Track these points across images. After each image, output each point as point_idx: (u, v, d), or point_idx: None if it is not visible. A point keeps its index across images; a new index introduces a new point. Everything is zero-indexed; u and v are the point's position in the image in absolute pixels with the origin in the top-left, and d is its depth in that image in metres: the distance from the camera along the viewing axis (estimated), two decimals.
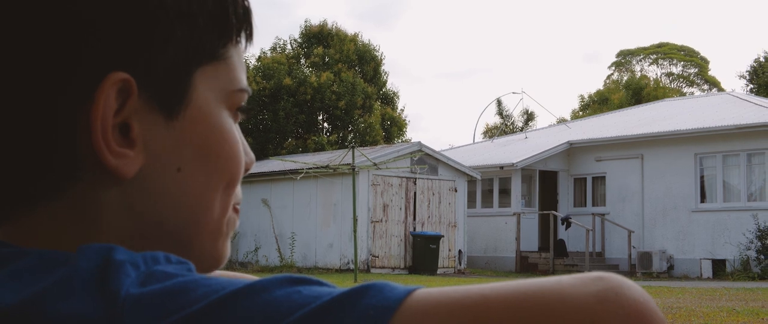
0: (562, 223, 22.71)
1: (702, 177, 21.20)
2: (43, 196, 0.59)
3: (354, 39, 34.57)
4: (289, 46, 35.33)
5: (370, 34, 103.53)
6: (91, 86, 0.58)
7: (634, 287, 0.48)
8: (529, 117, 47.78)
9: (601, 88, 54.04)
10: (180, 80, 0.61)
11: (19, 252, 0.56)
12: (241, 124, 0.70)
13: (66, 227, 0.59)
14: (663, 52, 56.65)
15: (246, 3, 0.66)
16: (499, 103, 47.12)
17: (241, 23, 0.65)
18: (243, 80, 0.66)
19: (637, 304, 0.47)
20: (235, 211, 0.67)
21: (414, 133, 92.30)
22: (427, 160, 21.46)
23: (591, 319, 0.46)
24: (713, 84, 54.19)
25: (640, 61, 57.86)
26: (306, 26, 35.39)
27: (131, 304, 0.50)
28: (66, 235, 0.59)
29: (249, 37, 0.67)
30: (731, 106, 23.52)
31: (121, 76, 0.58)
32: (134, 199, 0.60)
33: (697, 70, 55.72)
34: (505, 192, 23.77)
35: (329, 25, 35.21)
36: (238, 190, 0.66)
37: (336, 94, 31.42)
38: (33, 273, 0.54)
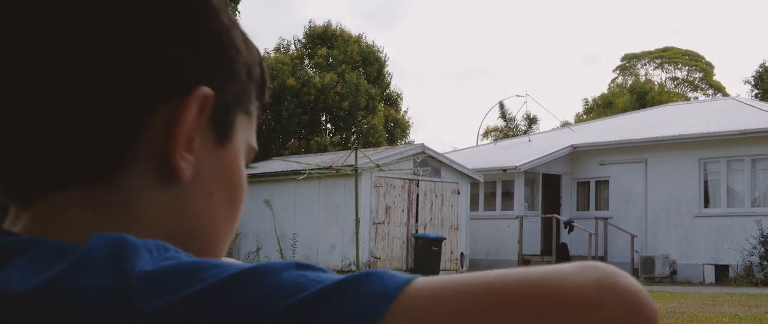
0: (565, 227, 22.67)
1: (706, 182, 21.14)
2: (93, 176, 0.62)
3: (358, 40, 34.55)
4: (292, 47, 35.33)
5: (373, 35, 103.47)
6: (177, 91, 0.63)
7: (627, 276, 0.52)
8: (531, 121, 47.69)
9: (606, 91, 53.98)
10: (234, 113, 0.68)
11: (30, 241, 0.58)
12: None
13: (105, 214, 0.61)
14: (668, 56, 56.59)
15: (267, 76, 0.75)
16: (501, 106, 47.08)
17: (265, 90, 0.73)
18: (255, 141, 0.74)
19: (633, 292, 0.51)
20: None
21: (416, 135, 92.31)
22: (429, 162, 21.42)
23: (591, 304, 0.50)
24: (718, 89, 54.12)
25: (645, 65, 57.81)
26: (310, 27, 35.40)
27: (145, 279, 0.52)
28: (103, 222, 0.61)
29: (263, 108, 0.74)
30: (736, 111, 23.46)
31: (208, 92, 0.64)
32: (173, 206, 0.64)
33: (701, 74, 55.65)
34: (507, 195, 23.72)
35: (333, 26, 35.20)
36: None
37: (339, 95, 31.39)
38: (48, 261, 0.55)
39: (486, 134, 47.84)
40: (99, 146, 0.61)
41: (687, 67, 56.15)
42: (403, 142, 33.89)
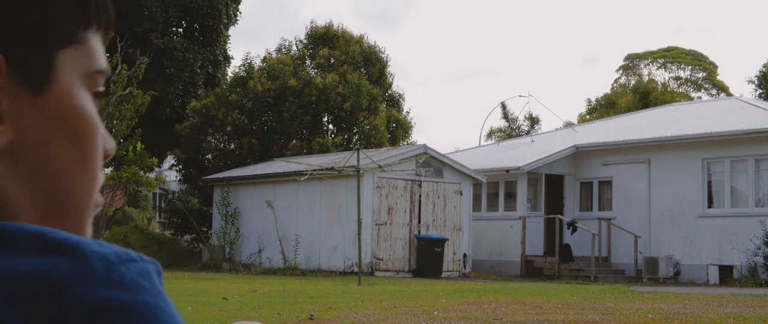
0: (568, 228, 22.59)
1: (709, 182, 21.06)
2: None
3: (360, 40, 34.48)
4: (294, 48, 35.26)
5: (374, 36, 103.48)
6: None
7: None
8: (533, 121, 47.54)
9: (609, 91, 53.85)
10: (42, 59, 0.63)
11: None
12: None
13: None
14: (671, 56, 56.48)
15: None
16: (504, 106, 46.96)
17: (100, 11, 0.68)
18: (102, 63, 0.69)
19: None
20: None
21: (418, 135, 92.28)
22: (432, 162, 21.35)
23: None
24: (721, 89, 54.00)
25: (648, 64, 57.70)
26: (311, 27, 35.33)
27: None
28: None
29: (108, 25, 0.70)
30: (739, 111, 23.37)
31: None
32: (14, 173, 0.62)
33: (705, 74, 55.53)
34: (510, 196, 23.65)
35: (335, 26, 35.13)
36: (101, 174, 0.69)
37: (341, 96, 31.31)
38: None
39: (489, 135, 47.77)
40: None
41: (690, 67, 56.03)
42: (405, 143, 33.81)
